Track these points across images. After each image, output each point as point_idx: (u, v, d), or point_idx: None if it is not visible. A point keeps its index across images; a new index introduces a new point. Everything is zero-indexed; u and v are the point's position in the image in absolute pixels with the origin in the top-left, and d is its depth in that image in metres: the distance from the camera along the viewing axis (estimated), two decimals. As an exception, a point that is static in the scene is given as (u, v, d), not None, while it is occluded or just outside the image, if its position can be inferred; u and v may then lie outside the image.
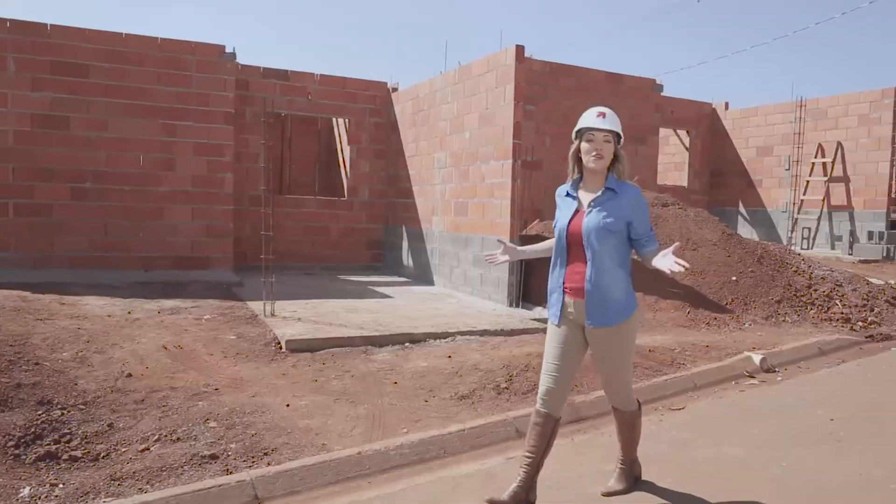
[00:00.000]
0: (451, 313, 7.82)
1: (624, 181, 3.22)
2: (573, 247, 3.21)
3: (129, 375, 5.27)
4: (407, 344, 6.37)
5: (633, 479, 3.57)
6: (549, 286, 3.34)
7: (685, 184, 15.96)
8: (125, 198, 9.58)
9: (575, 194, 3.28)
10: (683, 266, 2.95)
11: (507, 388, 5.26)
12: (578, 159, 3.25)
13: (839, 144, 13.44)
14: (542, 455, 3.28)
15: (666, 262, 2.97)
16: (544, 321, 7.34)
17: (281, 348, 6.07)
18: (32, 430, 4.37)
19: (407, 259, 11.40)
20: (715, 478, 3.86)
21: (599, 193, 3.18)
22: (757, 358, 6.03)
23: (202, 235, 10.00)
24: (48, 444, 4.25)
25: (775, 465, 4.03)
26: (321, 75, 11.81)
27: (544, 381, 3.28)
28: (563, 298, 3.25)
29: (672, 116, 15.36)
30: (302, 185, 14.82)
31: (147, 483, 3.79)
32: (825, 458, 4.13)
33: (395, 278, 11.18)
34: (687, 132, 16.02)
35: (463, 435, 4.50)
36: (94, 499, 3.62)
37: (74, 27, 9.26)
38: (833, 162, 13.50)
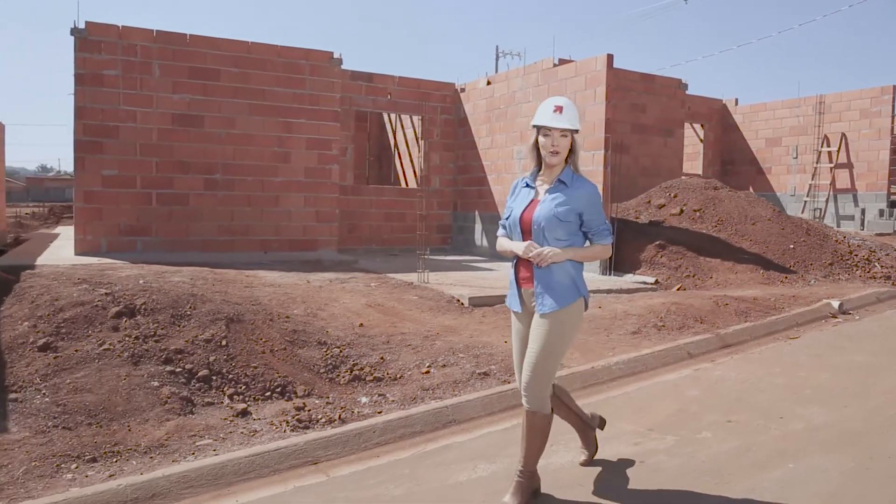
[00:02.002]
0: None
1: (579, 176, 3.25)
2: (525, 236, 3.22)
3: (362, 325, 6.58)
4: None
5: (531, 492, 3.32)
6: (509, 277, 3.40)
7: (700, 171, 17.69)
8: (248, 187, 10.76)
9: (533, 185, 3.30)
10: (542, 259, 3.08)
11: (663, 325, 6.75)
12: (539, 150, 3.25)
13: (843, 135, 15.31)
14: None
15: (545, 249, 3.09)
16: (646, 283, 8.87)
17: (462, 304, 7.44)
18: (329, 361, 5.70)
19: (481, 240, 12.79)
20: (854, 372, 5.42)
21: (553, 185, 3.21)
22: (836, 303, 7.64)
23: (312, 220, 11.23)
24: (346, 372, 5.58)
25: (893, 364, 5.62)
26: (400, 77, 13.12)
27: (516, 373, 3.40)
28: (519, 289, 3.30)
29: (689, 111, 17.05)
30: (355, 177, 16.04)
31: (452, 392, 5.14)
32: (926, 360, 5.75)
33: (472, 257, 12.57)
34: (701, 125, 17.76)
35: (654, 355, 5.98)
36: (420, 401, 4.97)
37: (209, 36, 10.39)
38: (838, 151, 15.37)
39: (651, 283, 8.99)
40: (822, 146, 15.68)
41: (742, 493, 3.48)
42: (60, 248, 11.07)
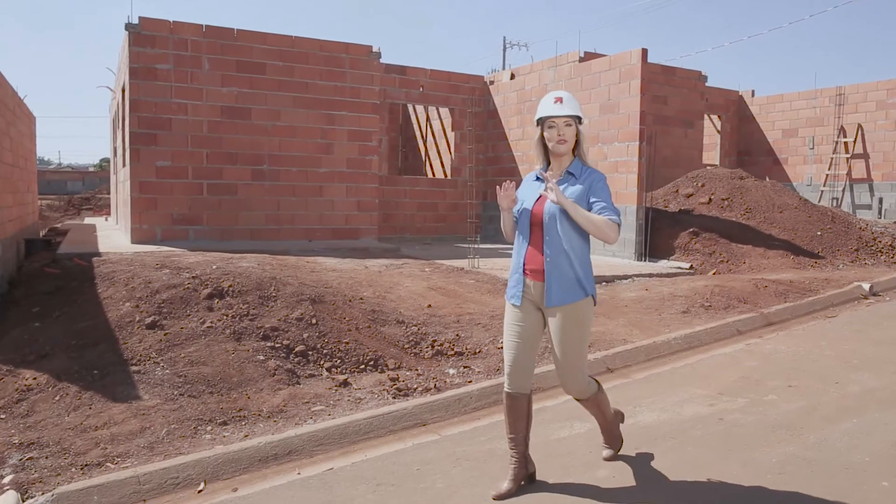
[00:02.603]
0: (600, 265, 9.70)
1: (588, 167, 3.26)
2: (535, 228, 3.23)
3: (430, 306, 7.02)
4: (603, 283, 8.25)
5: (618, 447, 3.73)
6: (511, 267, 3.40)
7: (717, 162, 18.11)
8: (293, 178, 11.17)
9: (543, 178, 3.28)
10: (556, 197, 3.07)
11: (710, 305, 7.20)
12: (544, 145, 3.28)
13: (859, 126, 15.73)
14: (525, 432, 3.40)
15: (557, 191, 3.09)
16: (681, 268, 9.31)
17: (518, 286, 7.88)
18: (410, 338, 6.14)
19: (511, 229, 13.21)
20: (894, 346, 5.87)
21: (562, 177, 3.24)
22: (866, 286, 8.09)
23: (353, 210, 11.65)
24: (428, 347, 6.03)
25: (932, 338, 6.08)
26: (431, 70, 13.51)
27: (507, 363, 3.33)
28: (524, 280, 3.28)
29: (707, 103, 17.45)
30: (389, 168, 16.46)
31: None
32: (960, 335, 6.21)
33: (505, 246, 12.98)
34: (718, 117, 18.17)
35: (707, 332, 6.44)
36: (502, 374, 5.42)
37: (255, 31, 10.77)
38: (854, 141, 15.80)
39: (686, 269, 9.44)
40: (838, 137, 16.12)
41: (816, 442, 3.94)
42: (110, 238, 11.49)
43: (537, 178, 3.33)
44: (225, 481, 3.84)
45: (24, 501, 3.49)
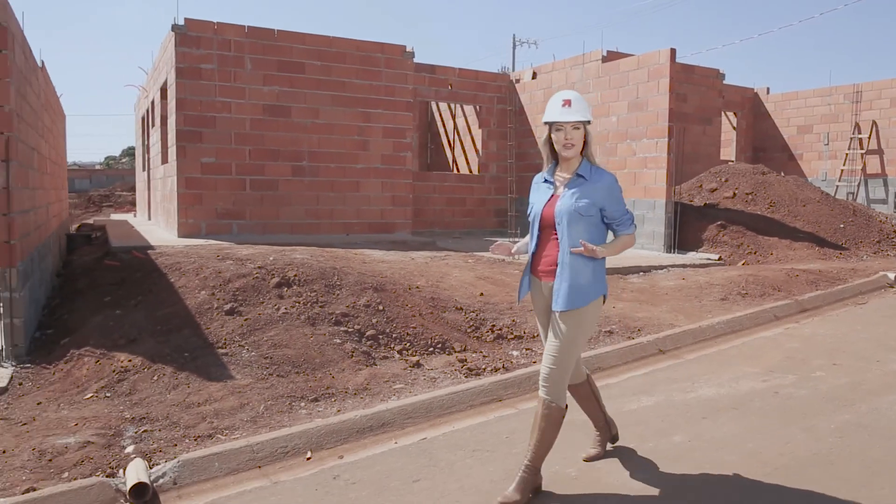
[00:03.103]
0: (633, 256, 10.07)
1: (597, 167, 3.27)
2: (546, 230, 3.27)
3: (482, 294, 7.40)
4: (640, 273, 8.63)
5: (532, 489, 3.28)
6: (524, 269, 3.46)
7: (733, 158, 18.46)
8: (331, 174, 11.55)
9: (552, 180, 3.32)
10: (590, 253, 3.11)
11: (747, 293, 7.57)
12: (552, 146, 3.28)
13: (874, 122, 16.07)
14: (598, 407, 3.75)
15: (588, 245, 3.11)
16: (710, 259, 9.68)
17: (561, 276, 8.26)
18: (470, 323, 6.51)
19: (538, 223, 13.59)
20: (932, 329, 6.24)
21: (572, 179, 3.23)
22: (892, 275, 8.45)
23: (388, 204, 12.03)
24: (488, 331, 6.40)
25: (962, 323, 6.44)
26: (460, 69, 13.87)
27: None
28: (535, 281, 3.35)
29: (723, 100, 17.79)
30: (418, 164, 16.84)
31: (587, 347, 5.95)
32: None
33: (530, 239, 13.36)
34: (734, 114, 18.52)
35: (747, 317, 6.81)
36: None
37: (295, 32, 11.13)
38: (869, 137, 16.14)
39: (715, 260, 9.80)
40: (853, 133, 16.46)
41: (868, 411, 4.33)
42: (152, 233, 11.87)
43: (545, 181, 3.35)
44: (329, 450, 4.22)
45: (150, 468, 3.87)
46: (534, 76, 14.40)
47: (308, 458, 4.09)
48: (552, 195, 3.26)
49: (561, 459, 3.78)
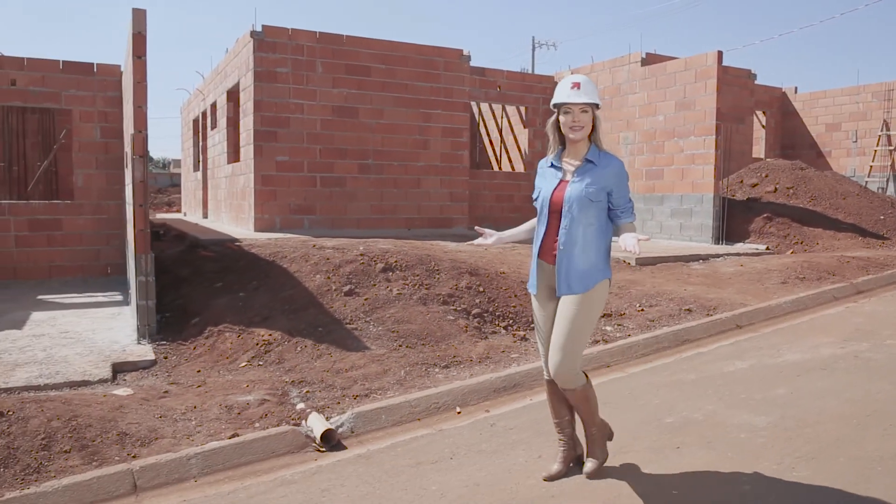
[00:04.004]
0: (683, 247, 10.72)
1: (605, 152, 3.24)
2: (553, 215, 3.23)
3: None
4: (700, 260, 9.28)
5: (605, 442, 3.51)
6: (532, 256, 3.40)
7: (762, 155, 19.04)
8: (394, 171, 12.24)
9: (559, 165, 3.29)
10: (638, 247, 2.99)
11: (804, 277, 8.21)
12: (559, 130, 3.25)
13: (903, 120, 16.69)
14: (570, 415, 3.46)
15: (630, 240, 3.00)
16: (758, 249, 10.31)
17: (629, 264, 8.93)
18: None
19: (583, 218, 14.26)
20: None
21: (581, 164, 3.19)
22: (935, 262, 9.07)
23: (447, 200, 12.71)
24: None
25: None
26: (507, 71, 14.55)
27: (542, 352, 3.41)
28: (543, 265, 3.31)
29: (755, 100, 18.40)
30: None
31: (671, 322, 6.60)
32: None
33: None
34: (763, 112, 19.11)
35: (809, 297, 7.46)
36: (652, 328, 6.45)
37: (361, 37, 11.83)
38: (898, 134, 16.76)
39: (763, 250, 10.44)
40: (882, 130, 17.03)
41: (943, 374, 4.97)
42: (220, 228, 12.60)
43: (552, 165, 3.32)
44: (473, 406, 4.89)
45: (327, 420, 4.54)
46: (573, 77, 15.04)
47: (458, 413, 4.76)
48: (560, 181, 3.24)
49: (685, 409, 4.45)
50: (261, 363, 5.70)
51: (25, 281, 9.99)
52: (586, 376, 3.36)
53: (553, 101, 3.26)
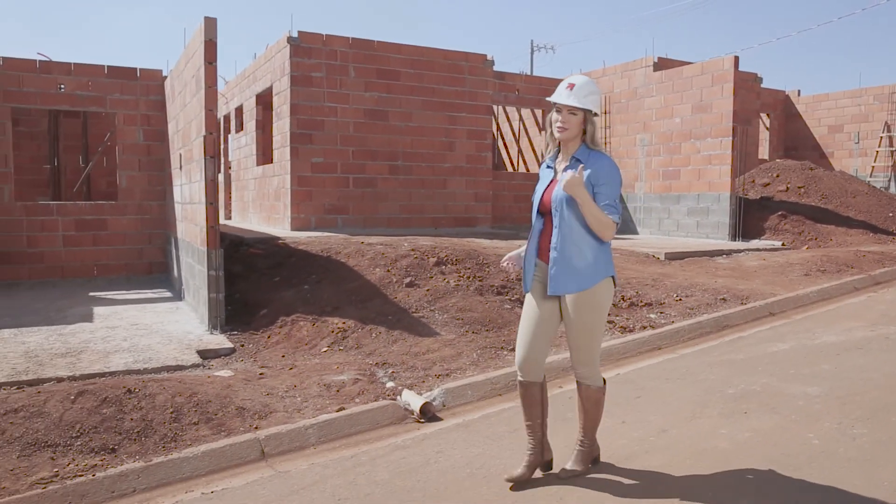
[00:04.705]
0: (702, 244, 11.25)
1: (596, 150, 3.20)
2: (548, 215, 3.25)
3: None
4: (724, 255, 9.81)
5: (591, 460, 3.47)
6: (525, 255, 3.40)
7: (766, 156, 19.66)
8: (422, 172, 12.72)
9: (553, 165, 3.33)
10: (575, 174, 3.00)
11: (825, 270, 8.75)
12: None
13: (903, 122, 17.35)
14: (541, 419, 3.40)
15: (566, 174, 3.06)
16: (774, 245, 10.86)
17: (659, 259, 9.45)
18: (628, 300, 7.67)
19: (600, 217, 14.80)
20: None
21: (569, 163, 3.20)
22: (944, 256, 9.64)
23: (472, 200, 13.20)
24: (621, 300, 7.56)
25: None
26: (525, 75, 15.06)
27: (518, 351, 3.35)
28: (540, 264, 3.30)
29: (760, 102, 19.02)
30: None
31: (710, 310, 7.11)
32: None
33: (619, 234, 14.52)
34: (767, 115, 19.74)
35: (833, 288, 7.99)
36: (693, 316, 6.96)
37: (392, 42, 12.30)
38: (898, 136, 17.42)
39: (779, 246, 10.99)
40: (883, 132, 17.69)
41: (968, 352, 5.50)
42: (252, 227, 13.03)
43: (548, 166, 3.37)
44: (550, 383, 5.36)
45: (420, 395, 5.00)
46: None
47: (534, 387, 5.24)
48: (552, 180, 3.27)
49: (739, 384, 4.95)
50: (341, 348, 6.16)
51: (73, 279, 10.41)
52: (604, 381, 3.41)
53: (549, 98, 3.29)
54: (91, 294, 9.44)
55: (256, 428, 4.41)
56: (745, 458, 3.64)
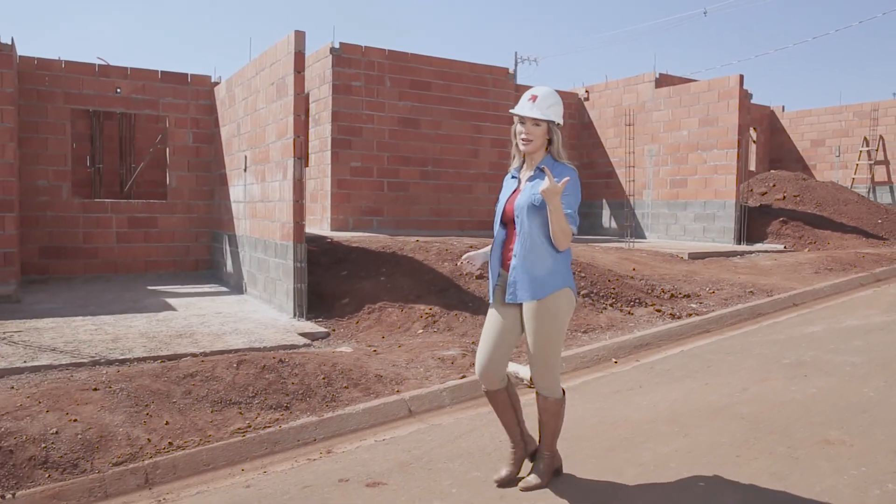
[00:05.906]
0: (711, 247, 12.29)
1: (562, 162, 3.20)
2: (508, 224, 3.28)
3: (634, 269, 9.47)
4: (738, 256, 10.84)
5: (552, 471, 3.45)
6: (489, 265, 3.42)
7: (753, 168, 20.96)
8: (449, 178, 13.56)
9: (517, 175, 3.37)
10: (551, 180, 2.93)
11: (831, 268, 9.82)
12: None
13: (881, 137, 18.73)
14: (516, 418, 3.44)
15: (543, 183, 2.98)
16: (776, 248, 11.95)
17: (682, 258, 10.42)
18: (645, 289, 8.58)
19: (609, 223, 15.81)
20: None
21: (533, 173, 3.22)
22: (931, 257, 10.81)
23: (494, 205, 14.03)
24: (661, 293, 8.48)
25: None
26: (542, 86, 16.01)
27: (478, 361, 3.35)
28: (500, 274, 3.33)
29: (751, 117, 20.34)
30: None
31: (742, 301, 8.08)
32: None
33: (604, 237, 15.52)
34: (754, 129, 21.06)
35: (842, 283, 9.05)
36: (730, 305, 7.93)
37: (424, 55, 13.15)
38: (877, 150, 18.78)
39: (781, 249, 12.09)
40: (862, 146, 19.10)
41: (972, 333, 6.55)
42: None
43: (512, 176, 3.41)
44: (623, 358, 6.25)
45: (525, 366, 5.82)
46: (587, 97, 16.67)
47: (615, 362, 6.11)
48: (515, 190, 3.31)
49: (789, 356, 5.91)
50: (434, 330, 6.93)
51: (125, 274, 10.98)
52: (563, 393, 3.38)
53: (512, 111, 3.31)
54: (149, 288, 9.98)
55: (398, 391, 5.18)
56: (821, 407, 4.56)
